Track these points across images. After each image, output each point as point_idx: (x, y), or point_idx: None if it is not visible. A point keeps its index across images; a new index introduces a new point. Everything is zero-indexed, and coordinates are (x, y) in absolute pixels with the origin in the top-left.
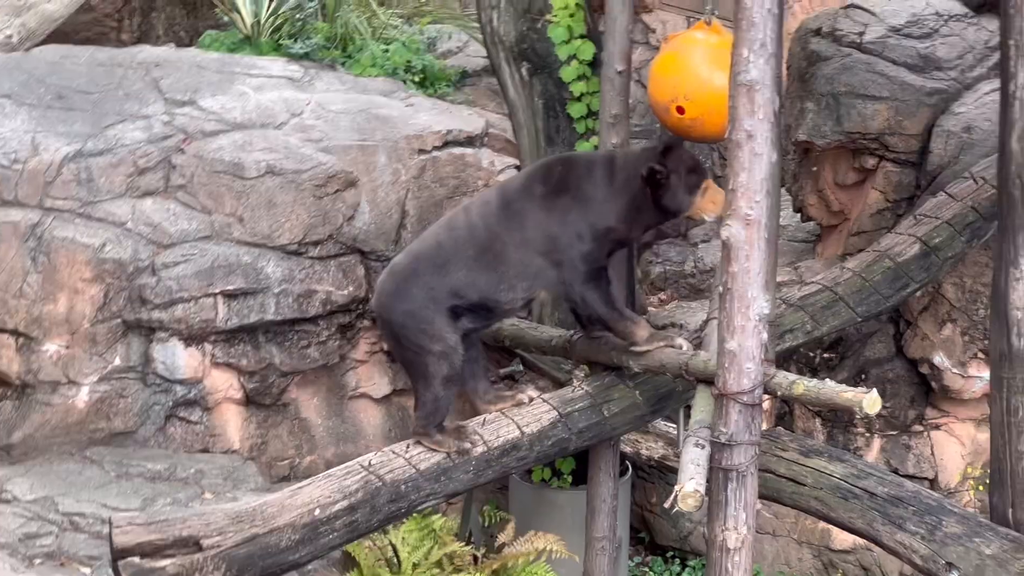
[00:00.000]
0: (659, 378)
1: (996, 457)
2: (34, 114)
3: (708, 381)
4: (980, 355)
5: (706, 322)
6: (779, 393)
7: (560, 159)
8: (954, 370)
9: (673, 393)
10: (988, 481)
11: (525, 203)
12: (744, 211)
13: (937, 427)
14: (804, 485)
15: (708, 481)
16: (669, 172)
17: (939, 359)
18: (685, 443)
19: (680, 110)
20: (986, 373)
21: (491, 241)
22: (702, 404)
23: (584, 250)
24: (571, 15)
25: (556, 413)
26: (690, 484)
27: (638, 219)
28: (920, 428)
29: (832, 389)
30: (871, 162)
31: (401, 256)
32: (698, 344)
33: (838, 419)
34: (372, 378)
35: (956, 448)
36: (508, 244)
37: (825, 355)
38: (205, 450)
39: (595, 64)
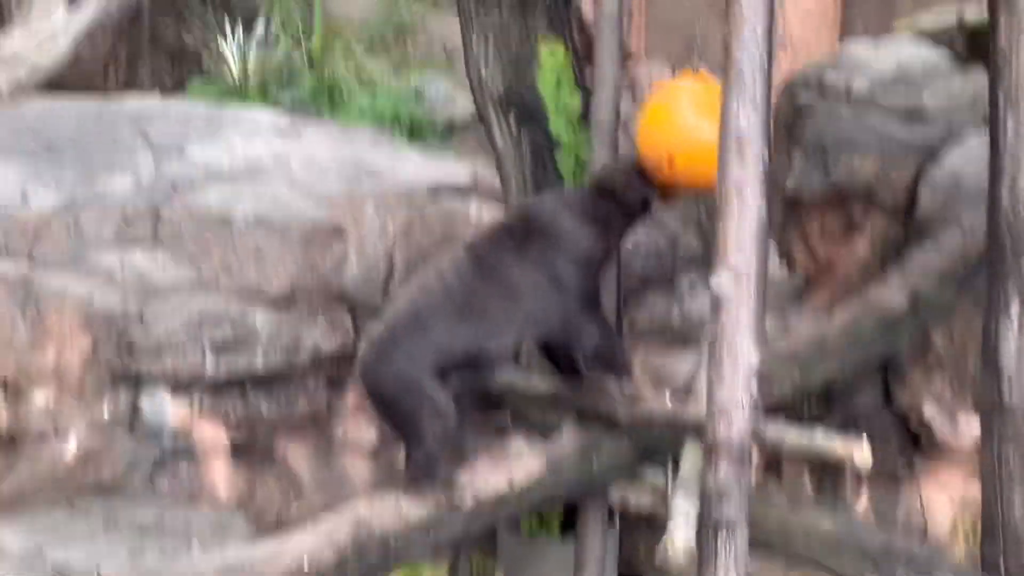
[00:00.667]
0: (648, 429)
1: (987, 507)
2: (24, 165)
3: (698, 432)
4: (971, 406)
5: (695, 374)
6: (769, 445)
7: (519, 207)
8: (944, 421)
9: (662, 443)
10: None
11: (499, 255)
12: (734, 262)
13: (928, 480)
14: (795, 538)
15: (698, 533)
16: (617, 172)
17: (929, 410)
18: (674, 495)
19: (671, 163)
20: (975, 424)
21: (469, 296)
22: (691, 455)
23: (574, 283)
24: (559, 65)
25: (544, 465)
26: (680, 536)
27: (612, 231)
28: (910, 478)
29: (824, 440)
30: (859, 213)
31: (378, 327)
32: (687, 395)
33: (827, 469)
34: (360, 428)
35: (946, 499)
36: (489, 297)
37: (812, 406)
38: (192, 501)
39: (583, 114)
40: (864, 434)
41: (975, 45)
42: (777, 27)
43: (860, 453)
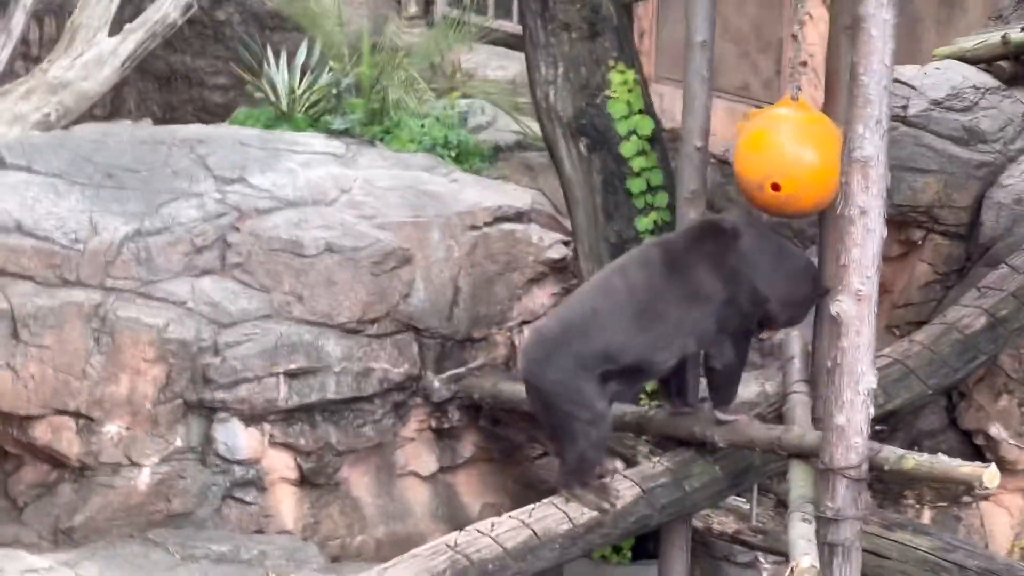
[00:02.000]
0: (738, 452)
1: None
2: (87, 193)
3: (802, 456)
4: None
5: (784, 396)
6: (887, 468)
7: (730, 222)
8: (1011, 441)
9: (752, 467)
10: None
11: (695, 258)
12: (856, 286)
13: (986, 498)
14: (889, 559)
15: None
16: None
17: (995, 430)
18: (791, 518)
19: (776, 187)
20: None
21: (653, 300)
22: (801, 479)
23: (745, 311)
24: (630, 90)
25: (639, 489)
26: (805, 560)
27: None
28: (969, 499)
29: (947, 464)
30: (918, 235)
31: (549, 321)
32: (777, 418)
33: (889, 490)
34: (420, 456)
35: (1005, 519)
36: (670, 301)
37: (877, 427)
38: (259, 531)
39: (654, 139)
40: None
41: (1021, 65)
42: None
43: (989, 475)
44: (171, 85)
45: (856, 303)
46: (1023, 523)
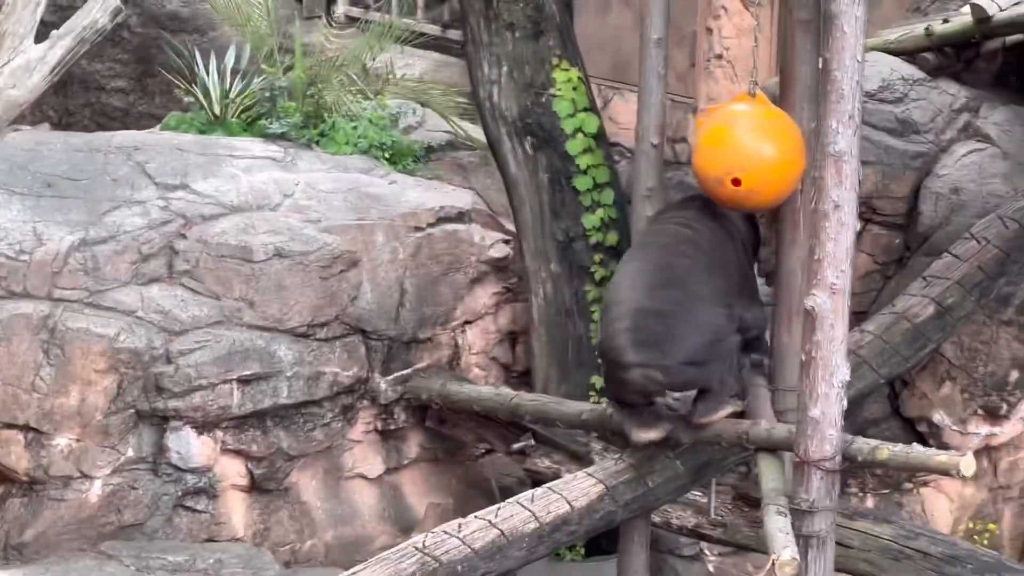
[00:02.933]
0: (700, 447)
1: None
2: (27, 203)
3: (770, 449)
4: (979, 412)
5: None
6: (860, 459)
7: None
8: (954, 428)
9: (712, 461)
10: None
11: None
12: (830, 280)
13: (926, 484)
14: (851, 548)
15: None
16: None
17: (939, 417)
18: (766, 511)
19: (736, 182)
20: (984, 429)
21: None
22: (772, 472)
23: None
24: (574, 88)
25: (603, 486)
26: (786, 552)
27: None
28: (910, 486)
29: (922, 453)
30: (858, 226)
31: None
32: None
33: None
34: (367, 458)
35: (946, 504)
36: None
37: None
38: (210, 539)
39: (599, 136)
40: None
41: (945, 57)
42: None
43: (966, 463)
44: (66, 89)
45: (831, 297)
46: (963, 508)
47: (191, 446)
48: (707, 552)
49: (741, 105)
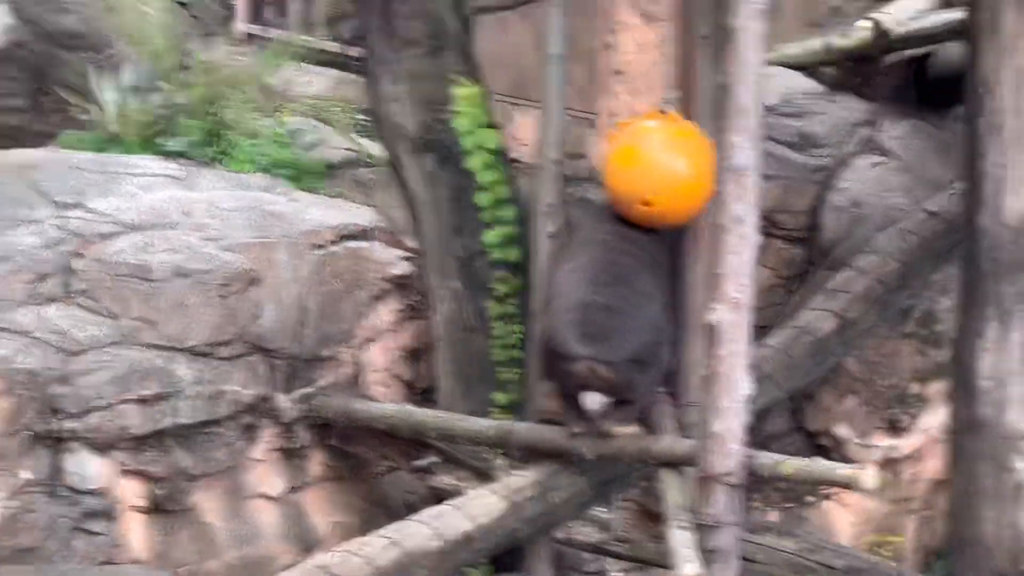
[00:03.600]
0: (604, 463)
1: (956, 524)
2: None
3: (674, 464)
4: (882, 425)
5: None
6: (763, 473)
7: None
8: (857, 441)
9: (616, 477)
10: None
11: None
12: (732, 295)
13: (829, 497)
14: (755, 562)
15: None
16: None
17: (841, 431)
18: (669, 527)
19: (646, 203)
20: (886, 442)
21: None
22: (675, 488)
23: None
24: (474, 105)
25: (506, 503)
26: (689, 567)
27: None
28: (814, 499)
29: (825, 467)
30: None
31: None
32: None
33: None
34: (269, 477)
35: (848, 517)
36: None
37: None
38: (108, 561)
39: (499, 153)
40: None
41: (844, 71)
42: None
43: (870, 477)
44: None
45: (732, 311)
46: (866, 521)
47: (89, 468)
48: (611, 568)
49: (651, 122)
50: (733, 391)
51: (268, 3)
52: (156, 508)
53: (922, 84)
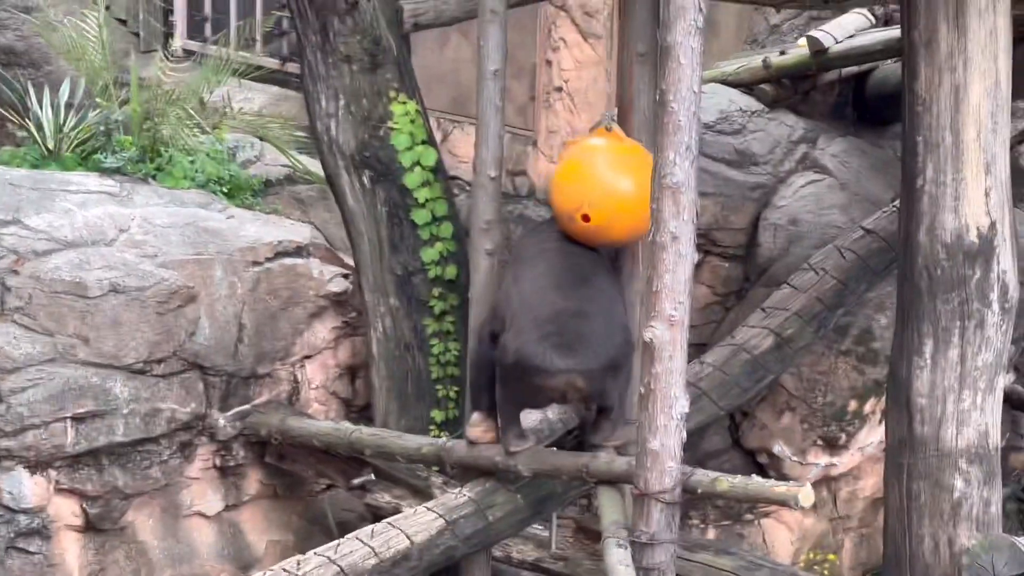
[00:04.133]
0: (541, 481)
1: (893, 542)
2: None
3: (610, 481)
4: (819, 442)
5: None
6: (700, 491)
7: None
8: (794, 458)
9: (553, 495)
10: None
11: None
12: (668, 312)
13: (767, 515)
14: None
15: None
16: None
17: (779, 448)
18: (606, 545)
19: (586, 218)
20: (823, 460)
21: None
22: (611, 505)
23: None
24: (412, 121)
25: (443, 521)
26: None
27: None
28: (751, 517)
29: (761, 484)
30: (696, 257)
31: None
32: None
33: None
34: (205, 495)
35: (786, 535)
36: None
37: None
38: None
39: (437, 170)
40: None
41: (782, 88)
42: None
43: (804, 494)
44: None
45: (669, 328)
46: (804, 539)
47: (23, 486)
48: None
49: (596, 140)
50: (670, 408)
51: (207, 19)
52: (91, 527)
53: (860, 102)
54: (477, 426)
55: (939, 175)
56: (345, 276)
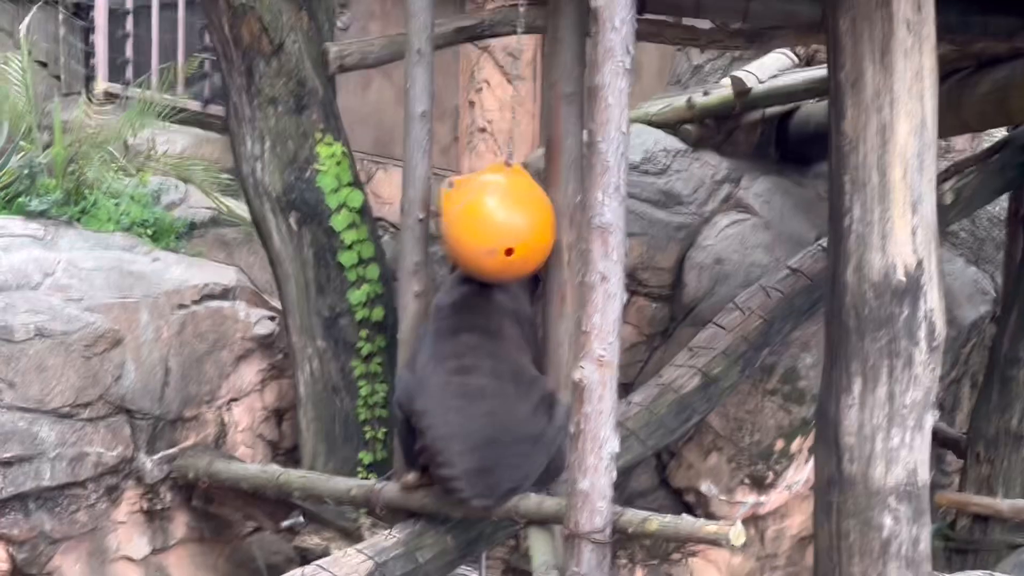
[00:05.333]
0: (470, 521)
1: None
2: None
3: (541, 522)
4: (746, 481)
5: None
6: (630, 530)
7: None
8: (721, 497)
9: (482, 535)
10: None
11: None
12: (598, 352)
13: (695, 554)
14: None
15: None
16: None
17: (706, 487)
18: None
19: (509, 252)
20: (751, 498)
21: None
22: (542, 545)
23: None
24: (338, 163)
25: (372, 563)
26: None
27: None
28: (679, 556)
29: (692, 524)
30: (625, 297)
31: None
32: None
33: None
34: (132, 539)
35: (714, 573)
36: None
37: None
38: None
39: (363, 212)
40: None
41: (706, 129)
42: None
43: (735, 532)
44: None
45: (598, 369)
46: (730, 575)
47: None
48: None
49: (498, 175)
50: (600, 449)
51: (128, 62)
52: (18, 572)
53: (782, 141)
54: (411, 477)
55: (866, 214)
56: (272, 319)
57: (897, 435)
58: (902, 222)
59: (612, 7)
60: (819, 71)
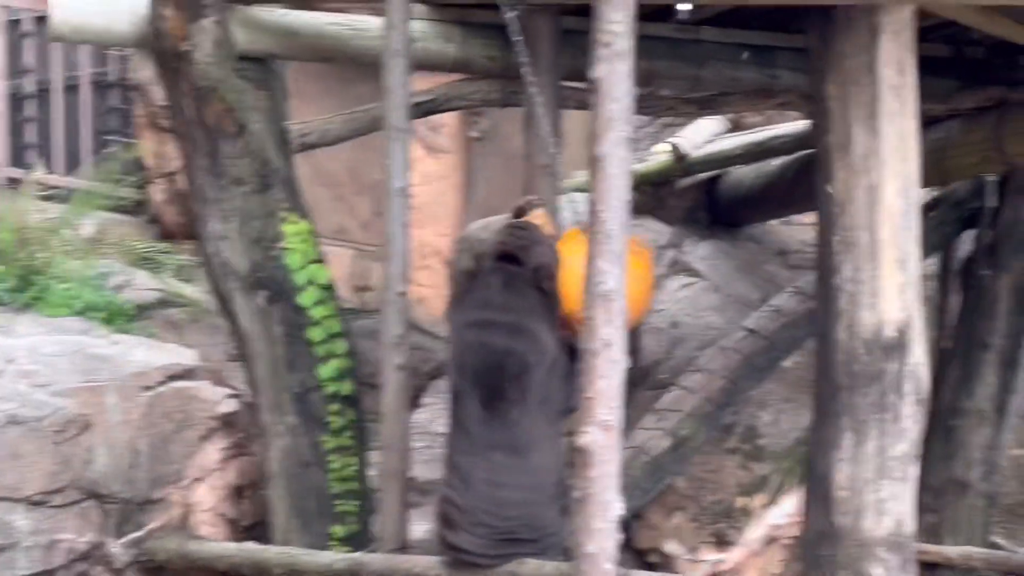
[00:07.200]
0: None
1: None
2: None
3: None
4: (709, 539)
5: None
6: None
7: None
8: (686, 557)
9: None
10: None
11: None
12: (603, 417)
13: None
14: None
15: None
16: None
17: (670, 547)
18: None
19: None
20: (714, 556)
21: None
22: None
23: None
24: (303, 240)
25: None
26: None
27: None
28: None
29: None
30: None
31: None
32: None
33: None
34: None
35: None
36: None
37: None
38: None
39: (330, 287)
40: None
41: (643, 195)
42: None
43: None
44: None
45: (603, 433)
46: None
47: None
48: None
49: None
50: (606, 512)
51: (31, 147)
52: None
53: (713, 205)
54: None
55: (857, 273)
56: (234, 396)
57: (886, 487)
58: (891, 280)
59: (612, 79)
60: (754, 135)
